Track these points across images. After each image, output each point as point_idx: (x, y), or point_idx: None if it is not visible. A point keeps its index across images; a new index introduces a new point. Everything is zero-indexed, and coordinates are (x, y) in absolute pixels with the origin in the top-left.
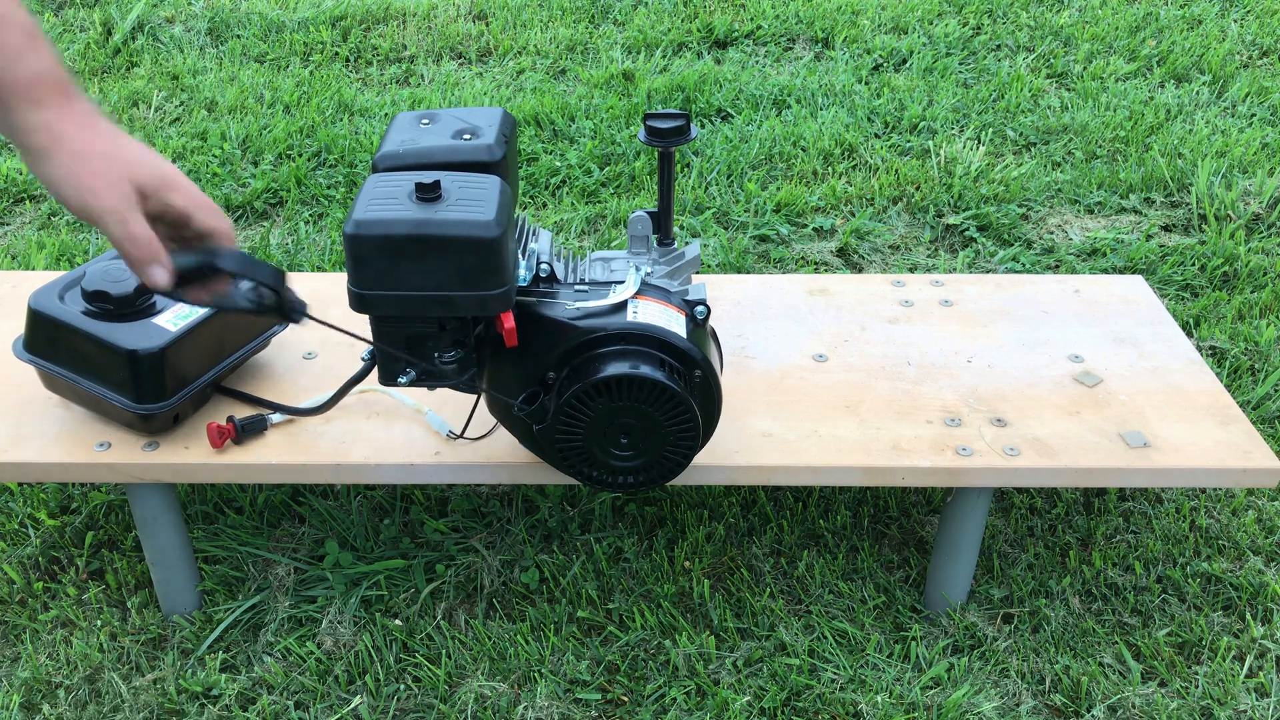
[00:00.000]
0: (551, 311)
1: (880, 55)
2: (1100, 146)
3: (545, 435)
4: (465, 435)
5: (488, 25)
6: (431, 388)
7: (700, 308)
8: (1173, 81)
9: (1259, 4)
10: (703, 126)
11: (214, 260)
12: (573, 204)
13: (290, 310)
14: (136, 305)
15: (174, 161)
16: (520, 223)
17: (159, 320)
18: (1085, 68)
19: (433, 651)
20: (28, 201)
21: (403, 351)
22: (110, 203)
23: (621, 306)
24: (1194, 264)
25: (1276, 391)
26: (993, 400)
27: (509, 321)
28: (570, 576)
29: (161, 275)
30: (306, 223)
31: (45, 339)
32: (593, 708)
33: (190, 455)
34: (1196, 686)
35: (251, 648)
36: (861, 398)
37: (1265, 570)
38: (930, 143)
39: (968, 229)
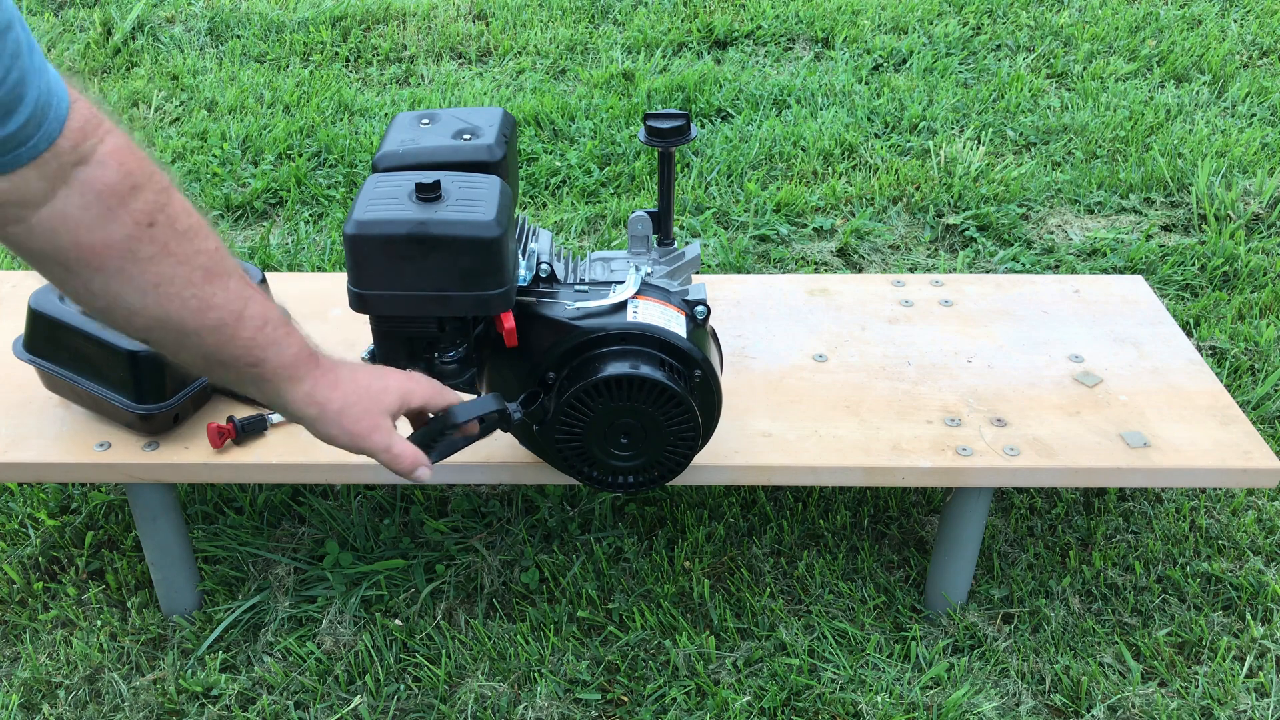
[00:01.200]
0: (551, 311)
1: (880, 55)
2: (1100, 146)
3: (545, 435)
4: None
5: (488, 25)
6: None
7: (700, 308)
8: (1173, 81)
9: (1259, 4)
10: (703, 126)
11: (450, 420)
12: (573, 204)
13: (509, 417)
14: None
15: (173, 162)
16: (520, 223)
17: None
18: (1085, 68)
19: (433, 651)
20: None
21: (402, 352)
22: (377, 440)
23: (621, 306)
24: (1194, 264)
25: (1276, 391)
26: (993, 400)
27: (509, 321)
28: (570, 576)
29: (425, 473)
30: (306, 223)
31: (45, 339)
32: (593, 708)
33: (190, 455)
34: (1196, 686)
35: (251, 648)
36: (861, 398)
37: (1265, 570)
38: (930, 143)
39: (968, 229)
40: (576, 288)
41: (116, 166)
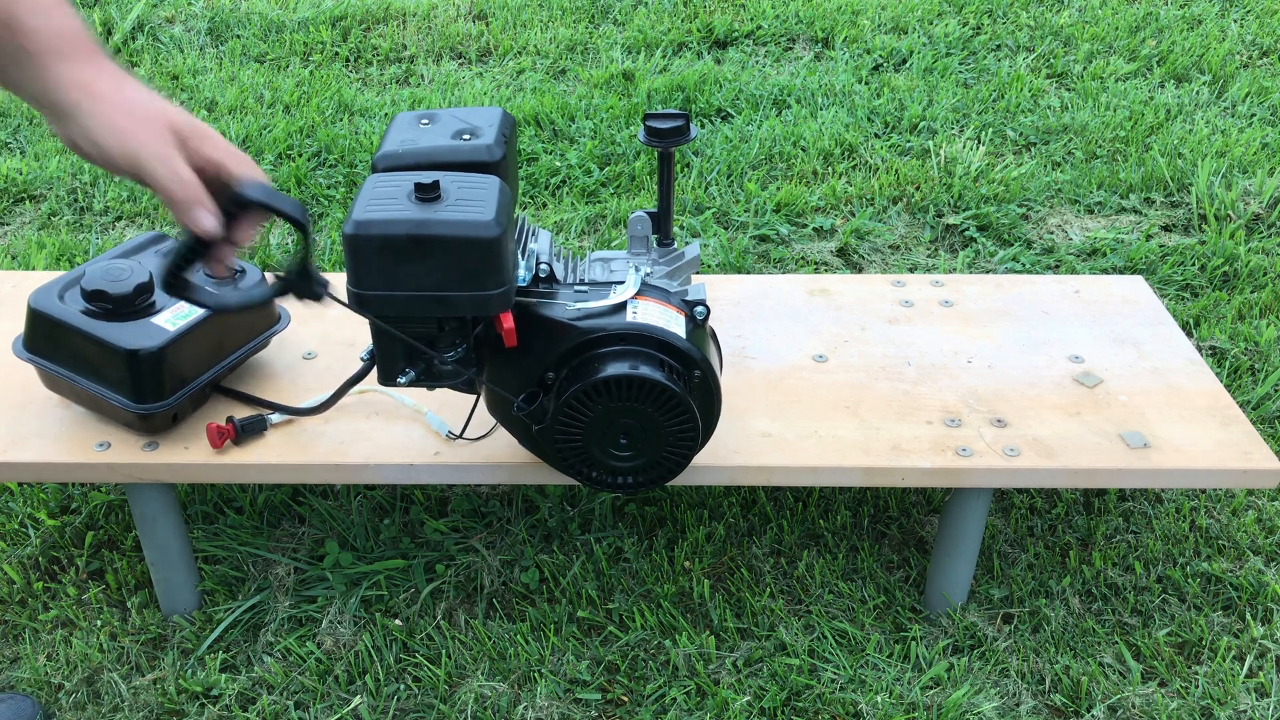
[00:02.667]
0: (551, 312)
1: (880, 55)
2: (1100, 146)
3: (545, 435)
4: (464, 436)
5: (488, 25)
6: (431, 388)
7: (700, 308)
8: (1173, 81)
9: (1259, 4)
10: (703, 126)
11: (240, 192)
12: (573, 204)
13: (315, 284)
14: (136, 305)
15: None
16: (520, 223)
17: (158, 320)
18: (1085, 68)
19: (433, 651)
20: (28, 201)
21: (401, 352)
22: (154, 147)
23: (621, 307)
24: (1194, 264)
25: (1276, 391)
26: (993, 401)
27: (508, 322)
28: (570, 576)
29: (207, 218)
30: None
31: (45, 338)
32: (593, 708)
33: (190, 455)
34: (1196, 686)
35: (251, 648)
36: (861, 398)
37: (1265, 570)
38: (930, 143)
39: (968, 229)
40: (576, 288)
41: None
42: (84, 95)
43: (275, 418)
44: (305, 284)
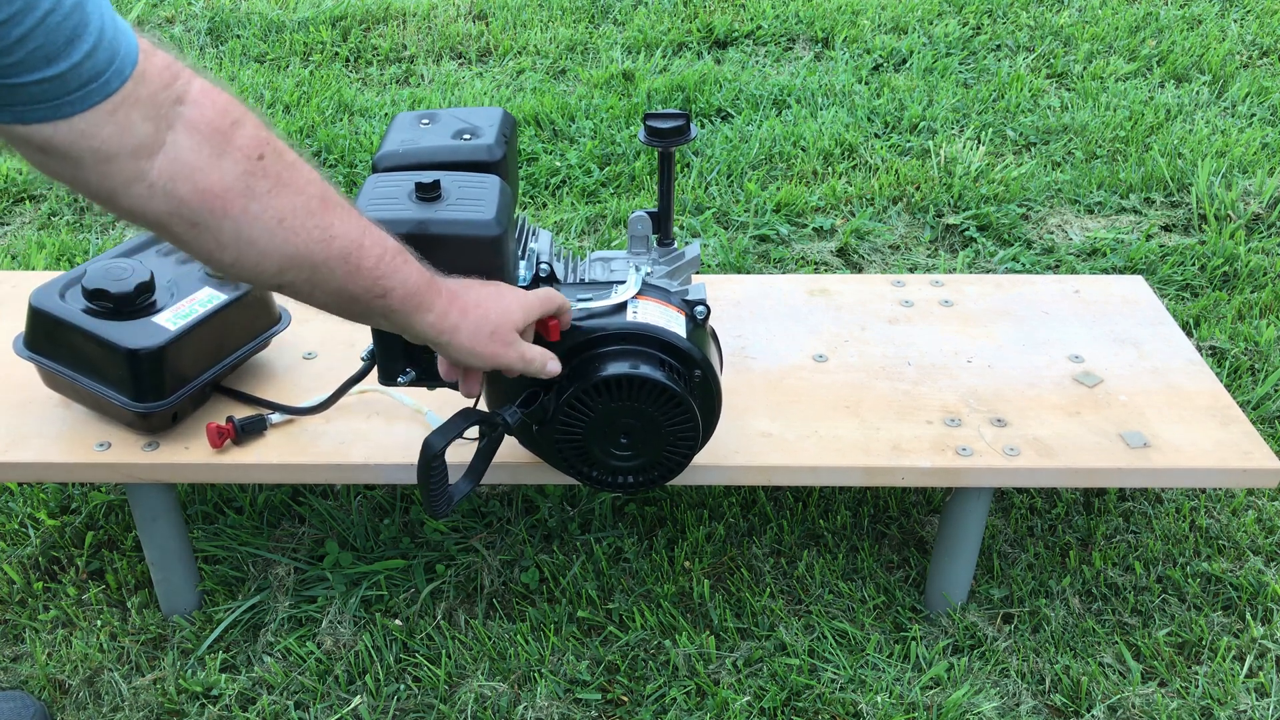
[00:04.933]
0: None
1: (880, 55)
2: (1100, 146)
3: (545, 435)
4: (465, 436)
5: (488, 25)
6: (431, 388)
7: (700, 308)
8: (1173, 81)
9: (1259, 4)
10: (703, 126)
11: (430, 453)
12: (573, 204)
13: (500, 422)
14: (136, 304)
15: None
16: (520, 223)
17: (159, 319)
18: (1085, 68)
19: (433, 651)
20: (28, 201)
21: (401, 352)
22: (512, 354)
23: (622, 307)
24: (1194, 264)
25: (1276, 391)
26: (993, 400)
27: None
28: (570, 576)
29: (556, 365)
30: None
31: (45, 337)
32: (593, 708)
33: (190, 455)
34: (1196, 686)
35: (251, 648)
36: (861, 398)
37: (1265, 570)
38: (930, 143)
39: (968, 229)
40: (576, 288)
41: (211, 104)
42: (448, 336)
43: (275, 418)
44: (496, 427)
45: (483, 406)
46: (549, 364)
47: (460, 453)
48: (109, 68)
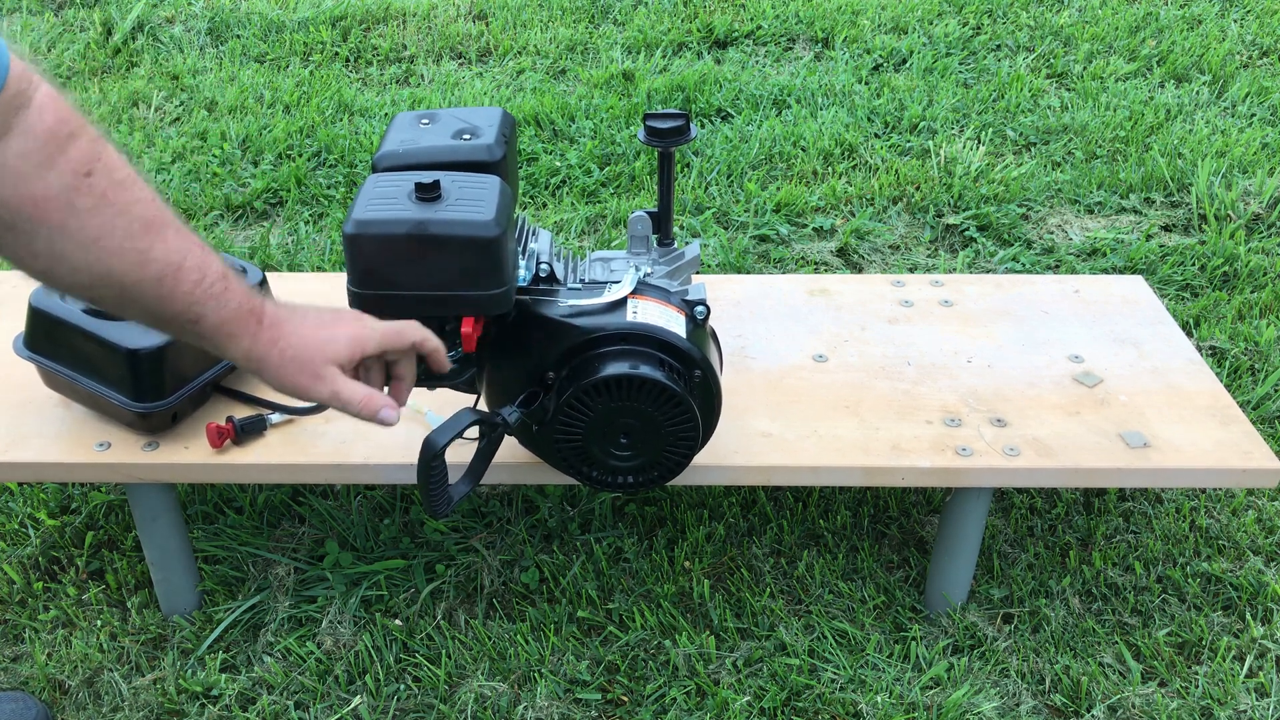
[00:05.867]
0: (551, 311)
1: (880, 55)
2: (1100, 146)
3: (545, 435)
4: (464, 435)
5: (488, 25)
6: (431, 388)
7: (700, 308)
8: (1173, 81)
9: (1259, 4)
10: (703, 126)
11: (430, 452)
12: (573, 204)
13: (501, 422)
14: None
15: (173, 162)
16: (520, 223)
17: None
18: (1085, 68)
19: (433, 651)
20: None
21: None
22: (321, 390)
23: (619, 306)
24: (1194, 264)
25: (1276, 391)
26: (993, 400)
27: (467, 327)
28: (570, 576)
29: (390, 414)
30: (306, 223)
31: (45, 336)
32: (593, 708)
33: (190, 455)
34: (1196, 686)
35: (251, 648)
36: (861, 398)
37: (1265, 570)
38: (930, 143)
39: (968, 229)
40: (576, 288)
41: (53, 113)
42: (257, 366)
43: (275, 417)
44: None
45: (483, 406)
46: (381, 411)
47: (460, 453)
48: None
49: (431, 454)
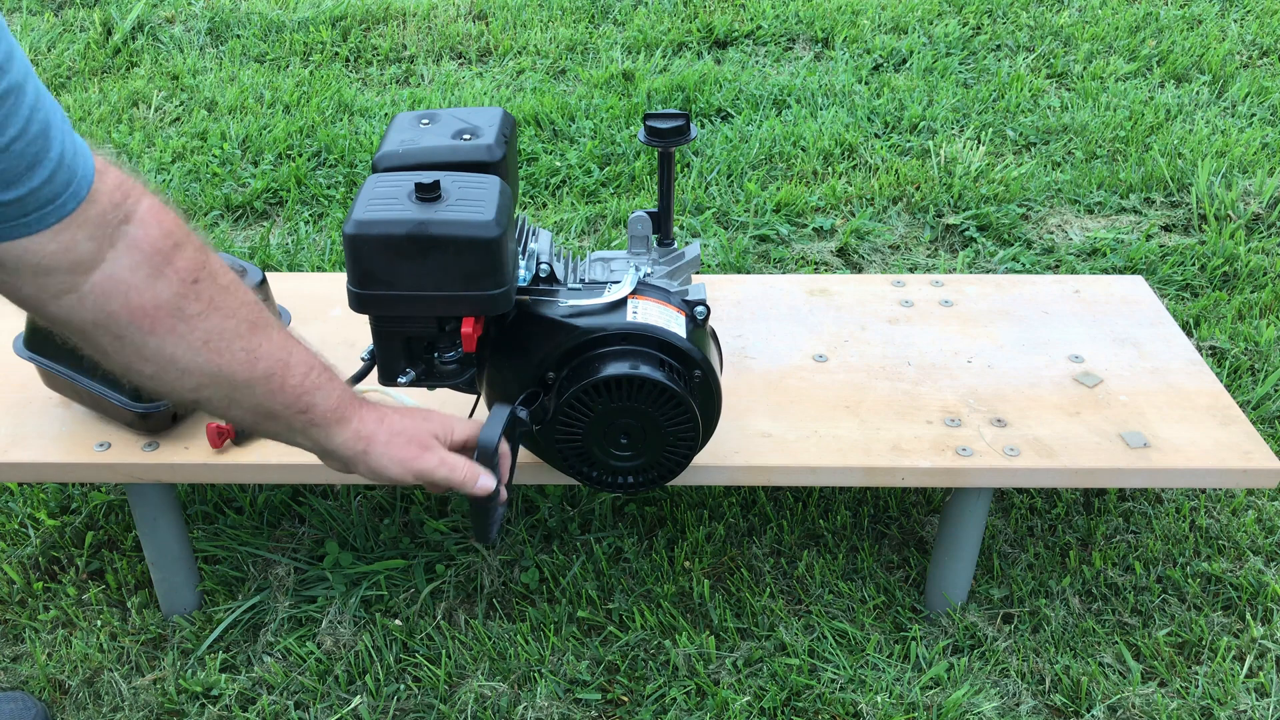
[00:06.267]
0: (551, 311)
1: (880, 55)
2: (1100, 146)
3: (545, 435)
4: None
5: (488, 25)
6: (431, 388)
7: (700, 308)
8: (1173, 81)
9: (1259, 4)
10: (703, 126)
11: (486, 449)
12: (573, 204)
13: (519, 418)
14: None
15: (173, 162)
16: (520, 223)
17: None
18: (1085, 68)
19: (433, 651)
20: None
21: (401, 352)
22: (428, 460)
23: (620, 306)
24: (1194, 264)
25: (1276, 391)
26: (993, 400)
27: (467, 327)
28: (570, 576)
29: (486, 480)
30: (306, 223)
31: (45, 336)
32: (593, 708)
33: (190, 455)
34: (1196, 686)
35: (251, 648)
36: (861, 398)
37: (1265, 570)
38: (930, 143)
39: (968, 229)
40: (576, 288)
41: (157, 225)
42: (364, 445)
43: None
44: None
45: (483, 408)
46: (480, 479)
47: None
48: (65, 190)
49: (487, 452)
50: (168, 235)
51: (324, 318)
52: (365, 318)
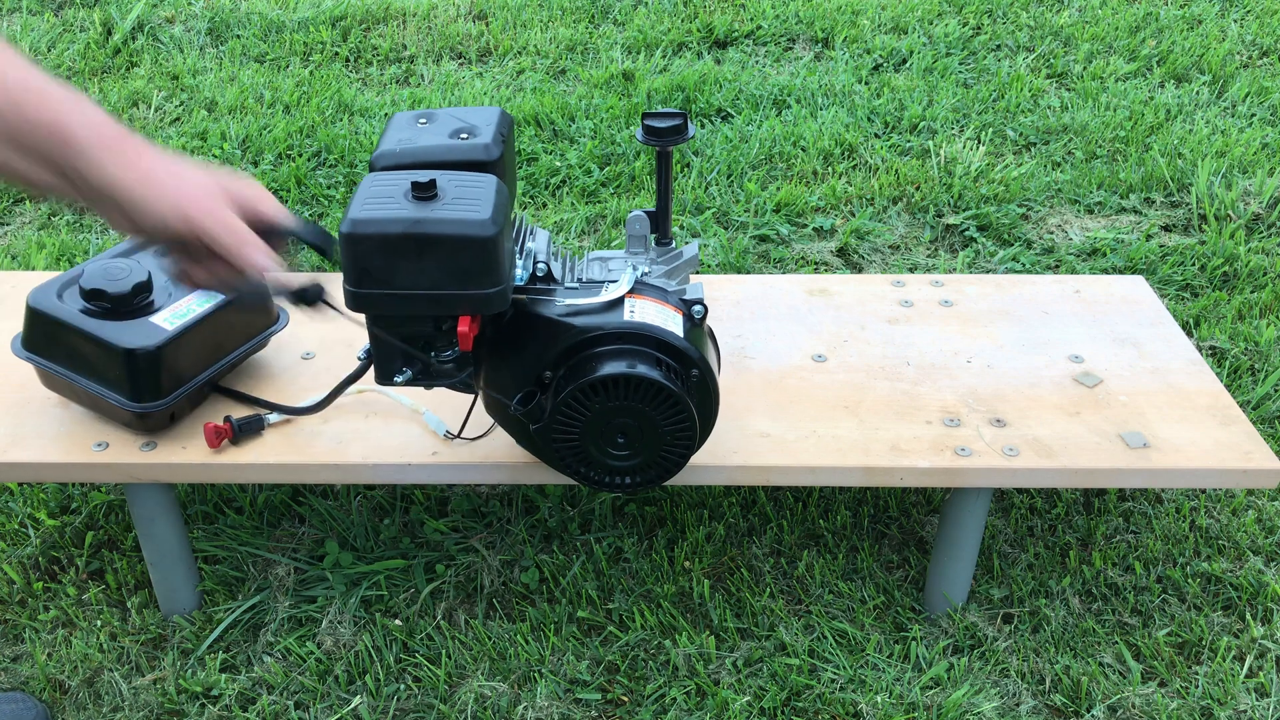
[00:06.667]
0: (548, 311)
1: (880, 55)
2: (1100, 146)
3: (542, 435)
4: (463, 435)
5: (488, 25)
6: (429, 387)
7: (697, 307)
8: (1173, 81)
9: (1259, 4)
10: (702, 126)
11: (277, 225)
12: (573, 204)
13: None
14: (134, 304)
15: None
16: (518, 222)
17: (156, 319)
18: (1085, 68)
19: (433, 651)
20: (27, 201)
21: (398, 351)
22: (205, 204)
23: (617, 305)
24: (1194, 264)
25: (1276, 391)
26: (992, 400)
27: (464, 325)
28: (570, 576)
29: (260, 254)
30: (306, 223)
31: (43, 337)
32: (593, 708)
33: (188, 455)
34: (1196, 686)
35: (251, 648)
36: (861, 398)
37: (1265, 570)
38: (930, 143)
39: (968, 229)
40: (574, 287)
41: None
42: (137, 176)
43: (273, 417)
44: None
45: (481, 407)
46: (251, 249)
47: (460, 453)
48: None
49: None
50: None
51: (323, 317)
52: (363, 317)
